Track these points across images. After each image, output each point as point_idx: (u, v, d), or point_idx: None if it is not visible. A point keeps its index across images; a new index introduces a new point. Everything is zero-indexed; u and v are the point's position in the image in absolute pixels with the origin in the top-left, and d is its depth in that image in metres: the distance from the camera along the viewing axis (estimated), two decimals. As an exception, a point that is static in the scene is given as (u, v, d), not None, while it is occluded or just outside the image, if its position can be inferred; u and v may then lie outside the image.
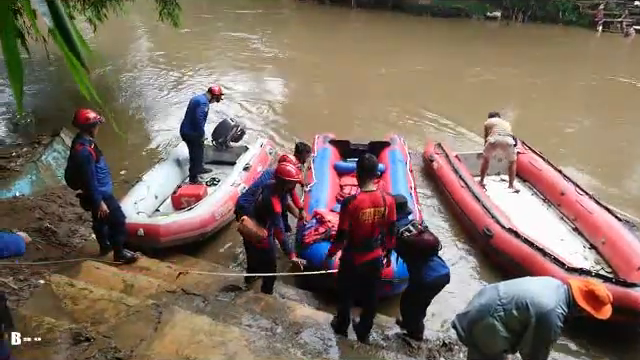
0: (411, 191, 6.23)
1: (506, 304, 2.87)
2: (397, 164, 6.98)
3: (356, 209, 3.48)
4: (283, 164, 4.47)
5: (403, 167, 6.94)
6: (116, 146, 8.35)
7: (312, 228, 5.19)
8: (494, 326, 2.88)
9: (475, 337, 3.05)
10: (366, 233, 3.57)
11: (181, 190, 6.62)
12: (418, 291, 3.98)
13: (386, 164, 7.03)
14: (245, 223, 4.39)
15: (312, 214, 5.47)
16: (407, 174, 6.78)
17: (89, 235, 5.54)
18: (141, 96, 11.88)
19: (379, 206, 3.51)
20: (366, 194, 3.54)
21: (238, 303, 4.39)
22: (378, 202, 3.52)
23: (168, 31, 10.33)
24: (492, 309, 2.91)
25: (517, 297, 2.85)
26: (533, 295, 2.82)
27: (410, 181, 6.59)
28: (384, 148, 7.53)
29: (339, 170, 7.14)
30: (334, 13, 24.38)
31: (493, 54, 16.91)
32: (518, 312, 2.82)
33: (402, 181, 6.44)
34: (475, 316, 3.02)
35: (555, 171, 6.93)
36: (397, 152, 7.35)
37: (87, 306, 3.90)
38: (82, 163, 4.57)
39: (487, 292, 3.10)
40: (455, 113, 10.62)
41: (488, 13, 23.64)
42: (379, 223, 3.56)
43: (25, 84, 9.04)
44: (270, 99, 12.00)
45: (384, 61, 15.54)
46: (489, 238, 5.58)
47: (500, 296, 2.92)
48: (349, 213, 3.51)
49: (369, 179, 3.60)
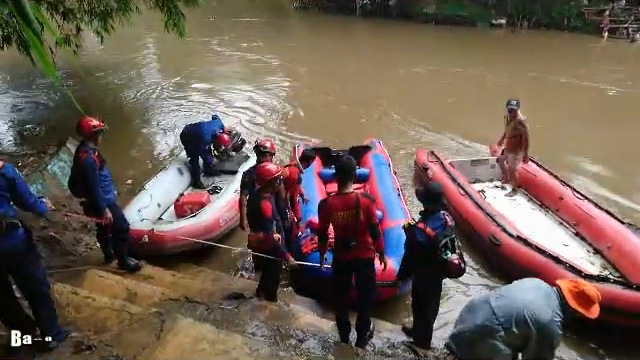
0: (398, 192, 6.31)
1: (504, 322, 2.84)
2: (380, 167, 7.03)
3: (328, 211, 3.69)
4: (260, 166, 4.47)
5: (387, 169, 7.00)
6: (122, 156, 8.41)
7: (308, 238, 5.22)
8: (496, 346, 2.86)
9: (475, 357, 2.99)
10: (341, 234, 3.74)
11: (184, 198, 6.66)
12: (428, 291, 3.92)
13: (369, 168, 7.08)
14: (251, 238, 4.44)
15: (305, 223, 5.49)
16: (391, 176, 6.84)
17: (94, 244, 5.54)
18: (146, 106, 11.96)
19: (350, 208, 3.62)
20: (339, 197, 3.69)
21: (242, 311, 4.35)
22: (350, 204, 3.62)
23: (173, 41, 10.38)
24: (491, 330, 2.87)
25: (514, 314, 2.82)
26: (530, 308, 2.80)
27: (395, 182, 6.63)
28: (365, 152, 7.59)
29: (324, 177, 7.09)
30: (339, 22, 24.50)
31: (497, 61, 16.89)
32: (518, 329, 2.81)
33: (388, 183, 6.51)
34: (474, 338, 2.97)
35: (551, 176, 6.86)
36: (379, 156, 7.44)
37: (90, 314, 3.89)
38: (87, 171, 4.57)
39: (479, 309, 3.02)
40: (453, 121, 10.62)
41: (493, 20, 23.65)
42: (353, 224, 3.63)
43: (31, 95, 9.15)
44: (272, 108, 12.06)
45: (386, 69, 15.59)
46: (496, 246, 5.48)
47: (496, 314, 2.88)
48: (322, 215, 3.75)
49: (349, 181, 3.69)
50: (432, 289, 3.89)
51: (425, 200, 3.80)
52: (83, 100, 11.89)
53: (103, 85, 13.38)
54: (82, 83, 13.18)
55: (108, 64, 14.07)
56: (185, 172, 7.28)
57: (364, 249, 3.75)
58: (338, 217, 3.65)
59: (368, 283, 3.88)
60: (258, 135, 10.12)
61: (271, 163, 4.63)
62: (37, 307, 3.31)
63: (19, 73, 13.60)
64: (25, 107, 11.67)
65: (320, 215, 3.78)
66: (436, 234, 3.55)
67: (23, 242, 3.14)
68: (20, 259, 3.15)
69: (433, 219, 3.67)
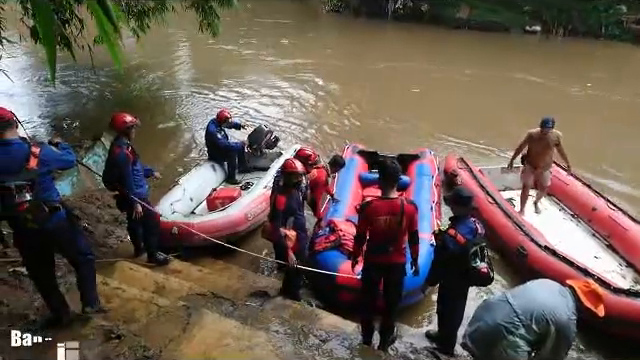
0: (433, 204, 6.16)
1: (524, 320, 2.91)
2: (423, 178, 6.92)
3: (371, 215, 3.61)
4: (289, 160, 4.60)
5: (429, 181, 6.85)
6: (154, 152, 8.60)
7: (324, 236, 5.28)
8: (516, 343, 2.91)
9: (495, 356, 3.00)
10: (380, 238, 3.67)
11: (216, 193, 6.83)
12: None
13: (412, 177, 6.99)
14: (263, 227, 4.74)
15: (327, 222, 5.53)
16: (432, 188, 6.68)
17: (124, 236, 5.70)
18: (178, 104, 12.18)
19: (395, 214, 3.57)
20: (383, 201, 3.63)
21: (266, 309, 4.40)
22: (395, 210, 3.57)
23: (207, 40, 10.58)
24: (512, 326, 2.92)
25: (534, 312, 2.90)
26: (549, 308, 2.90)
27: (434, 195, 6.49)
28: (412, 161, 7.49)
29: (363, 181, 7.14)
30: (370, 25, 24.47)
31: (531, 68, 16.58)
32: (538, 327, 2.88)
33: (425, 195, 6.37)
34: (493, 335, 2.99)
35: (584, 186, 6.71)
36: (425, 166, 7.30)
37: (119, 305, 4.00)
38: (120, 165, 4.73)
39: (497, 307, 3.07)
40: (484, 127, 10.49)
41: (527, 27, 23.24)
42: (395, 230, 3.60)
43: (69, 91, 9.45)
44: (304, 108, 12.15)
45: (418, 74, 15.50)
46: (524, 257, 5.40)
47: (516, 312, 2.94)
48: (364, 218, 3.67)
49: (391, 186, 3.64)
50: (459, 296, 3.87)
51: (454, 205, 3.77)
52: (119, 97, 12.23)
53: (138, 83, 13.69)
54: (118, 80, 13.53)
55: (142, 63, 14.40)
56: (218, 169, 7.45)
57: (399, 254, 3.74)
58: (380, 221, 3.58)
59: (397, 288, 3.87)
60: (292, 133, 10.23)
61: (299, 162, 4.67)
62: (84, 273, 3.58)
63: (57, 68, 14.04)
64: (63, 102, 12.03)
65: (362, 217, 3.71)
66: (466, 241, 3.53)
67: (65, 220, 3.38)
68: (65, 235, 3.41)
69: (463, 225, 3.64)
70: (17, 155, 3.05)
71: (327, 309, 4.66)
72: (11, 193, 3.00)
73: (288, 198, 4.37)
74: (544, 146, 6.26)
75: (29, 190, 3.05)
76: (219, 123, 7.22)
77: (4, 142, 3.03)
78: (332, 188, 6.44)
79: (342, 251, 5.05)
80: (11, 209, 3.03)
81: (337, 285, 4.70)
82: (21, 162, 3.04)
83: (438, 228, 3.87)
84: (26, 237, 3.28)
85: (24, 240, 3.32)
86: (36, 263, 3.45)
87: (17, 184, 3.00)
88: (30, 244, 3.34)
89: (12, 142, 3.07)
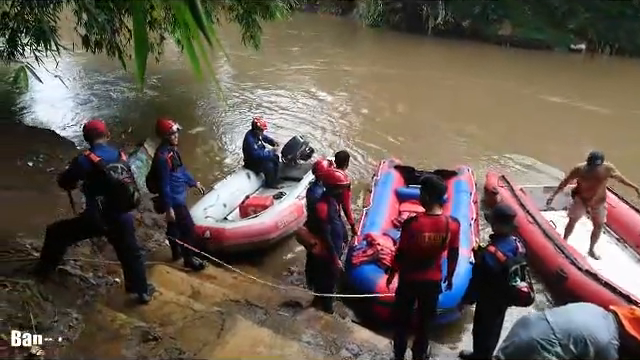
0: (471, 222, 6.06)
1: (562, 339, 2.86)
2: (461, 194, 6.83)
3: (415, 230, 3.53)
4: (331, 170, 4.67)
5: (467, 198, 6.76)
6: (193, 159, 8.80)
7: (361, 250, 5.27)
8: None
9: None
10: (422, 255, 3.60)
11: (249, 200, 6.94)
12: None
13: (449, 194, 6.85)
14: (298, 231, 4.79)
15: (364, 236, 5.50)
16: (470, 205, 6.58)
17: (163, 240, 5.83)
18: (218, 114, 12.43)
19: (440, 231, 3.51)
20: (428, 217, 3.56)
21: (299, 319, 4.41)
22: (440, 227, 3.52)
23: (247, 51, 10.79)
24: (547, 343, 2.88)
25: (573, 332, 2.85)
26: (590, 330, 2.84)
27: (472, 212, 6.38)
28: (450, 178, 7.37)
29: (400, 196, 7.11)
30: (409, 40, 24.37)
31: (576, 87, 16.17)
32: (576, 348, 2.83)
33: (463, 211, 6.26)
34: (527, 350, 2.96)
35: (632, 209, 6.46)
36: (463, 182, 7.21)
37: (156, 307, 4.09)
38: (158, 168, 4.95)
39: (535, 324, 3.03)
40: (525, 147, 10.26)
41: (572, 45, 22.69)
42: (438, 248, 3.55)
43: (116, 97, 9.83)
44: (339, 120, 12.17)
45: (456, 89, 15.35)
46: (563, 280, 5.24)
47: (554, 330, 2.89)
48: (408, 234, 3.58)
49: (436, 202, 3.58)
50: (495, 316, 3.78)
51: (496, 223, 3.70)
52: (161, 105, 12.59)
53: (180, 92, 14.06)
54: (161, 89, 13.95)
55: (184, 72, 14.77)
56: (252, 177, 7.57)
57: (436, 271, 3.70)
58: (424, 238, 3.50)
59: (432, 305, 3.82)
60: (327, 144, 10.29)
61: (341, 171, 4.76)
62: (135, 267, 4.08)
63: (104, 75, 14.58)
64: (110, 108, 12.47)
65: (406, 233, 3.62)
66: (507, 259, 3.45)
67: (132, 217, 4.10)
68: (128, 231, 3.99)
69: (504, 243, 3.57)
70: (113, 152, 3.83)
71: (360, 323, 4.64)
72: (116, 169, 3.69)
73: (329, 206, 4.40)
74: (594, 181, 5.85)
75: (128, 172, 3.81)
76: (255, 131, 7.35)
77: (101, 145, 3.80)
78: (369, 200, 6.49)
79: (379, 265, 5.03)
80: (119, 181, 3.68)
81: (374, 299, 4.66)
82: (117, 155, 3.81)
83: (478, 245, 3.81)
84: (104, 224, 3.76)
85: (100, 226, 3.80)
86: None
87: (121, 166, 3.75)
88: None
89: (105, 146, 3.83)
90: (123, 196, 3.74)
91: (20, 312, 3.39)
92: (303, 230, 4.72)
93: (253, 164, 7.56)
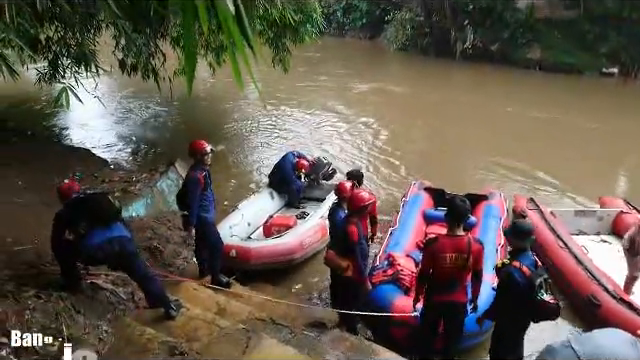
0: (498, 247, 5.90)
1: None
2: (490, 219, 6.69)
3: (436, 252, 3.56)
4: (355, 192, 4.65)
5: (496, 223, 6.60)
6: (224, 179, 8.96)
7: (381, 269, 5.23)
8: None
9: None
10: (445, 277, 3.60)
11: (273, 220, 6.98)
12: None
13: (478, 218, 6.77)
14: (327, 255, 4.68)
15: (386, 255, 5.47)
16: (498, 230, 6.40)
17: (191, 258, 5.93)
18: (246, 135, 12.67)
19: (462, 252, 3.51)
20: (449, 238, 3.58)
21: (324, 340, 4.39)
22: (461, 248, 3.51)
23: (276, 74, 11.00)
24: None
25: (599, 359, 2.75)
26: (618, 357, 2.74)
27: (499, 237, 6.17)
28: (480, 202, 7.26)
29: (428, 218, 7.03)
30: (437, 64, 24.42)
31: (607, 111, 15.87)
32: None
33: (491, 236, 6.11)
34: None
35: None
36: (493, 207, 7.06)
37: (183, 323, 4.16)
38: (188, 187, 5.07)
39: (560, 353, 2.94)
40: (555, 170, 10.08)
41: (604, 69, 22.31)
42: (461, 269, 3.53)
43: (147, 120, 10.13)
44: (366, 142, 12.23)
45: (486, 112, 15.26)
46: (595, 308, 5.08)
47: (580, 358, 2.79)
48: (429, 255, 3.62)
49: (458, 223, 3.58)
50: (521, 333, 3.70)
51: (514, 238, 3.62)
52: (192, 125, 12.90)
53: (210, 114, 14.40)
54: (192, 110, 14.32)
55: (213, 94, 15.16)
56: (276, 196, 7.65)
57: (461, 293, 3.68)
58: (446, 259, 3.52)
59: (458, 327, 3.77)
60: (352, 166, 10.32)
61: (365, 191, 4.75)
62: (150, 289, 4.15)
63: (139, 96, 15.07)
64: (142, 127, 12.87)
65: (427, 254, 3.67)
66: (531, 273, 3.39)
67: (131, 245, 4.10)
68: (128, 259, 4.03)
69: (524, 258, 3.50)
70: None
71: (383, 344, 4.59)
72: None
73: (358, 229, 4.40)
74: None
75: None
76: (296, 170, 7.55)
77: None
78: (395, 221, 6.49)
79: (398, 285, 4.99)
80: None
81: (390, 320, 4.62)
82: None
83: (501, 261, 3.70)
84: None
85: None
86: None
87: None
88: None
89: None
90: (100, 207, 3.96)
91: (53, 323, 3.49)
92: (331, 254, 4.64)
93: (281, 185, 7.64)
